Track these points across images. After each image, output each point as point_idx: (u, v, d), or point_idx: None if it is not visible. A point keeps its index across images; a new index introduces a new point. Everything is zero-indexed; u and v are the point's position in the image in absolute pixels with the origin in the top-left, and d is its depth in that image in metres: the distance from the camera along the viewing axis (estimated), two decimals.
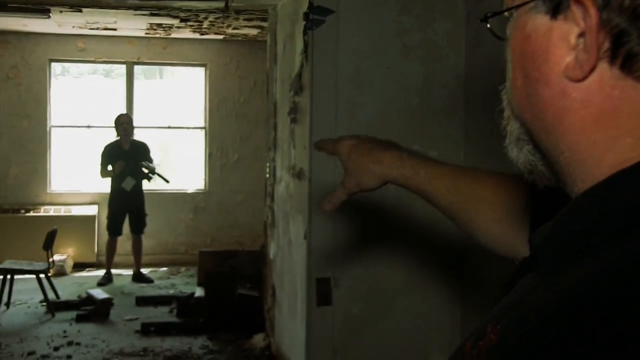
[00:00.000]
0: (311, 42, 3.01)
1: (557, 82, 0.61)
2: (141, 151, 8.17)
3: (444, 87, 3.09)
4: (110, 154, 8.02)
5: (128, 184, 8.03)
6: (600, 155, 0.60)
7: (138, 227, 8.28)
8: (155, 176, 8.17)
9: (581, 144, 0.61)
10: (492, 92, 2.71)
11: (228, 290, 6.39)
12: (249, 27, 8.12)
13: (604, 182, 0.59)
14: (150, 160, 8.22)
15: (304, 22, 3.04)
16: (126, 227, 8.30)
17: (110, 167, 8.05)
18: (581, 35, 0.58)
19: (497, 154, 3.07)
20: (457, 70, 3.08)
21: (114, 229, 8.21)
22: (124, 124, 8.10)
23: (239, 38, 9.08)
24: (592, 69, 0.58)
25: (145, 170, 8.07)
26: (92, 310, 6.70)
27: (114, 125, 8.18)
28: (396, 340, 3.03)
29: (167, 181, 8.28)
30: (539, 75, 0.62)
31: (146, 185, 8.33)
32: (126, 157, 7.99)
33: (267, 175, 5.83)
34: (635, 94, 0.57)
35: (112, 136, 8.28)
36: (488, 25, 0.71)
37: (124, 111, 8.96)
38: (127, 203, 8.12)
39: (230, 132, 9.52)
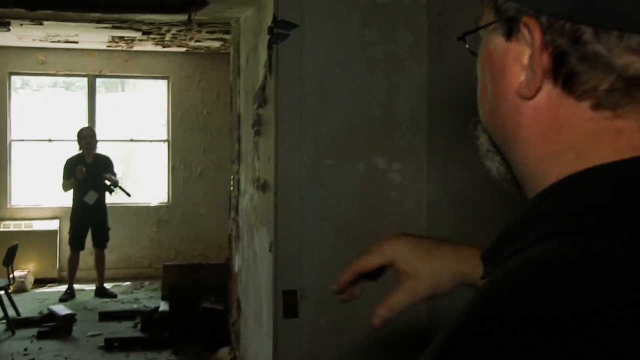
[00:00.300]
0: (276, 56, 3.03)
1: (513, 99, 0.64)
2: (104, 164, 8.11)
3: (406, 98, 3.13)
4: (73, 168, 7.94)
5: (90, 197, 7.95)
6: (546, 169, 0.63)
7: (101, 241, 8.19)
8: (117, 189, 8.11)
9: (531, 158, 0.65)
10: (454, 103, 2.77)
11: (193, 303, 6.36)
12: (212, 39, 8.12)
13: (538, 195, 0.63)
14: (114, 174, 8.15)
15: (269, 36, 3.05)
16: (88, 242, 8.20)
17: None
18: (532, 56, 0.62)
19: (460, 163, 3.12)
20: (420, 82, 3.13)
21: (76, 244, 8.11)
22: (86, 137, 8.03)
23: (202, 50, 9.08)
24: (539, 88, 0.62)
25: (108, 183, 8.01)
26: (54, 327, 6.61)
27: (76, 138, 8.10)
28: (363, 351, 3.05)
29: (128, 195, 8.23)
30: (498, 92, 0.66)
31: (109, 198, 8.26)
32: (89, 171, 7.92)
33: (232, 188, 5.82)
34: (575, 112, 0.61)
35: (73, 150, 8.21)
36: (467, 46, 0.75)
37: (86, 124, 8.88)
38: (90, 217, 8.04)
39: (194, 144, 9.49)
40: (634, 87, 0.58)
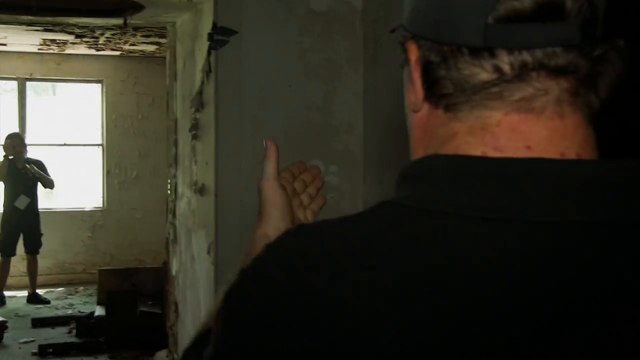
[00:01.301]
0: (215, 61, 3.09)
1: (409, 114, 0.77)
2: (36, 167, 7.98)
3: (343, 104, 3.24)
4: (2, 171, 7.80)
5: (22, 202, 7.82)
6: None
7: (33, 247, 8.05)
8: (40, 180, 7.95)
9: (415, 154, 0.77)
10: (389, 108, 2.89)
11: (129, 308, 6.34)
12: (147, 43, 8.09)
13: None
14: (47, 175, 8.03)
15: (208, 42, 3.12)
16: (20, 248, 8.06)
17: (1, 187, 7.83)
18: (413, 72, 0.74)
19: (396, 165, 3.25)
20: (356, 87, 3.24)
21: (7, 250, 7.95)
22: (16, 146, 7.86)
23: (137, 54, 9.03)
24: (422, 101, 0.74)
25: (32, 171, 7.83)
26: None
27: (3, 145, 7.94)
28: None
29: (50, 184, 8.03)
30: (406, 108, 0.78)
31: (42, 203, 8.14)
32: (20, 176, 7.79)
33: (169, 192, 5.83)
34: (436, 119, 0.73)
35: (2, 154, 8.04)
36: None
37: (16, 129, 8.73)
38: (21, 222, 7.89)
39: (129, 149, 9.42)
40: (475, 93, 0.68)
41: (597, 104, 0.70)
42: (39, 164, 8.06)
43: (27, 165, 7.83)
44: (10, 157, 7.84)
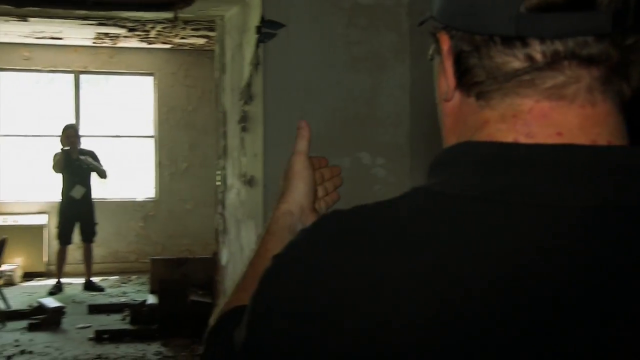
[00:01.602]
0: (263, 54, 3.14)
1: (441, 102, 0.79)
2: (91, 158, 8.17)
3: (389, 96, 3.25)
4: (60, 158, 8.03)
5: (77, 192, 8.03)
6: None
7: (88, 236, 8.27)
8: (94, 170, 8.15)
9: (447, 142, 0.79)
10: (435, 101, 2.90)
11: (180, 297, 6.46)
12: (196, 36, 8.20)
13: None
14: (100, 165, 8.23)
15: (256, 35, 3.17)
16: (76, 236, 8.28)
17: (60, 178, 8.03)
18: (445, 62, 0.76)
19: None
20: (402, 80, 3.26)
21: (64, 238, 8.19)
22: (70, 137, 8.08)
23: (187, 47, 9.15)
24: (454, 91, 0.75)
25: (86, 162, 8.03)
26: (44, 319, 6.68)
27: (60, 136, 8.16)
28: None
29: (103, 173, 8.22)
30: (437, 98, 0.81)
31: (96, 193, 8.34)
32: (75, 166, 7.99)
33: (218, 183, 5.91)
34: (468, 108, 0.74)
35: (59, 145, 8.26)
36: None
37: (72, 120, 8.95)
38: (77, 212, 8.12)
39: (179, 140, 9.57)
40: (507, 81, 0.70)
41: (629, 93, 0.71)
42: (92, 155, 8.26)
43: (82, 157, 8.02)
44: (66, 148, 8.05)
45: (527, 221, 0.65)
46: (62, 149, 8.06)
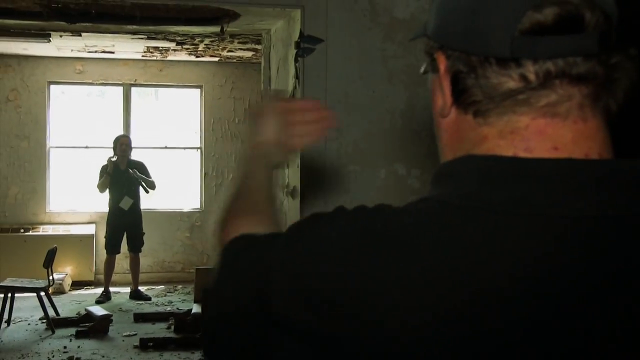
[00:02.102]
0: (302, 68, 3.21)
1: (437, 118, 0.85)
2: (138, 169, 8.33)
3: (425, 109, 3.29)
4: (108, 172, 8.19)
5: (126, 203, 8.19)
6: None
7: (136, 246, 8.43)
8: (144, 183, 8.28)
9: (445, 156, 0.84)
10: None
11: None
12: (243, 49, 8.32)
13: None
14: (149, 177, 8.38)
15: (295, 50, 3.24)
16: (124, 246, 8.44)
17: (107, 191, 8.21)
18: (441, 81, 0.81)
19: None
20: None
21: (112, 248, 8.36)
22: (123, 144, 8.27)
23: (234, 60, 9.29)
24: (450, 107, 0.80)
25: (135, 175, 8.17)
26: (91, 327, 6.83)
27: (112, 145, 8.35)
28: None
29: (150, 187, 8.36)
30: (433, 113, 0.86)
31: (144, 204, 8.49)
32: (123, 177, 8.17)
33: None
34: (466, 124, 0.79)
35: (109, 156, 8.44)
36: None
37: (122, 132, 9.14)
38: (125, 222, 8.27)
39: (225, 152, 9.70)
40: (503, 100, 0.75)
41: (615, 108, 0.76)
42: (141, 166, 8.42)
43: (130, 170, 8.19)
44: (114, 159, 8.22)
45: (528, 230, 0.69)
46: (110, 160, 8.24)
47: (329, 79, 3.18)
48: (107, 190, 8.23)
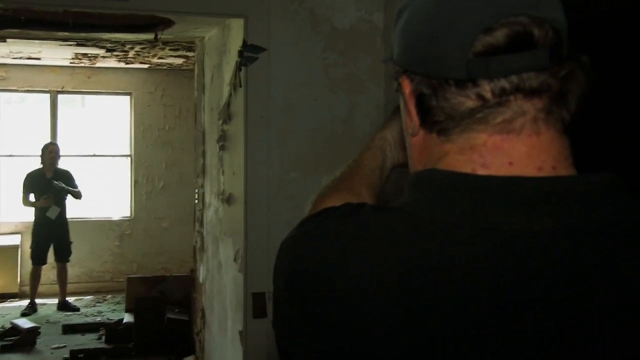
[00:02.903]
0: (245, 77, 3.26)
1: (407, 137, 0.92)
2: (64, 178, 8.16)
3: (366, 116, 3.38)
4: (33, 183, 8.01)
5: (53, 212, 8.02)
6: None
7: (63, 256, 8.26)
8: (69, 193, 8.14)
9: (414, 169, 0.91)
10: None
11: (157, 314, 6.50)
12: (175, 56, 8.29)
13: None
14: (75, 186, 8.22)
15: (238, 59, 3.28)
16: (50, 257, 8.26)
17: (32, 197, 8.02)
18: (407, 103, 0.87)
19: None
20: (378, 101, 3.39)
21: (38, 258, 8.16)
22: (51, 152, 8.11)
23: (164, 67, 9.24)
24: (418, 127, 0.87)
25: (59, 186, 8.02)
26: (17, 340, 6.67)
27: (40, 153, 8.16)
28: None
29: (78, 195, 8.23)
30: (405, 132, 0.93)
31: (71, 213, 8.34)
32: (50, 186, 8.00)
33: (196, 201, 5.97)
34: (431, 141, 0.86)
35: (34, 165, 8.26)
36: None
37: (48, 140, 8.96)
38: (52, 231, 8.09)
39: (156, 159, 9.62)
40: (463, 119, 0.81)
41: (569, 118, 0.82)
42: (67, 174, 8.26)
43: (55, 182, 8.01)
44: (39, 168, 8.04)
45: (484, 243, 0.75)
46: (36, 170, 8.07)
47: (271, 87, 3.23)
48: (34, 198, 8.04)
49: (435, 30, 0.81)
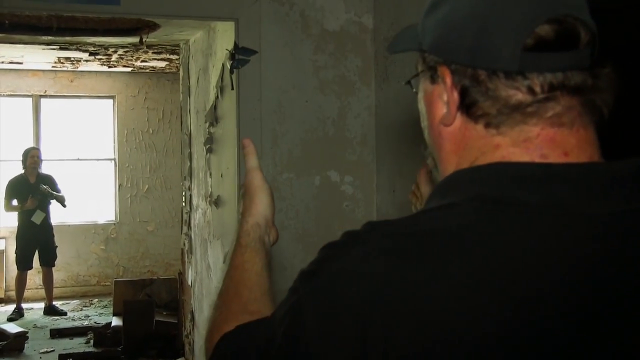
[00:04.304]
0: (237, 79, 3.28)
1: (438, 127, 0.91)
2: (48, 183, 8.10)
3: (356, 117, 3.42)
4: (16, 188, 7.96)
5: (38, 217, 7.97)
6: (451, 169, 0.90)
7: (49, 260, 8.20)
8: (55, 200, 8.09)
9: (447, 163, 0.91)
10: (399, 121, 3.09)
11: (146, 317, 6.49)
12: (158, 59, 8.27)
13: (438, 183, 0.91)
14: (58, 191, 8.18)
15: (230, 62, 3.31)
16: (35, 261, 8.21)
17: (15, 202, 7.98)
18: (446, 94, 0.89)
19: (406, 175, 3.42)
20: (368, 102, 3.43)
21: (24, 263, 8.10)
22: (33, 157, 8.07)
23: (147, 70, 9.21)
24: (455, 118, 0.88)
25: (46, 191, 7.97)
26: (5, 345, 6.63)
27: (22, 158, 8.13)
28: None
29: (63, 204, 8.21)
30: (430, 122, 0.93)
31: (57, 218, 8.30)
32: (33, 191, 7.93)
33: (184, 204, 5.98)
34: (474, 133, 0.87)
35: (16, 169, 8.21)
36: (413, 90, 1.00)
37: (32, 144, 8.91)
38: (37, 236, 8.04)
39: (140, 162, 9.60)
40: (514, 112, 0.83)
41: (605, 115, 0.85)
42: (50, 179, 8.22)
43: (43, 186, 7.97)
44: (20, 174, 8.00)
45: (567, 228, 0.77)
46: (18, 175, 8.03)
47: (263, 89, 3.26)
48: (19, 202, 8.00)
49: (485, 22, 0.83)
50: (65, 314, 8.17)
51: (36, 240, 8.07)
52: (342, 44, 3.39)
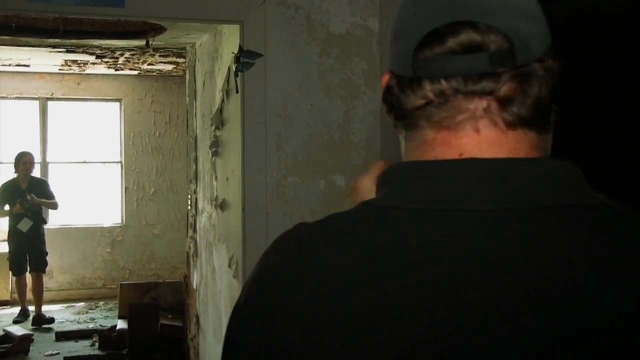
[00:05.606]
0: (241, 83, 3.27)
1: (397, 133, 0.93)
2: (39, 188, 8.03)
3: (362, 121, 3.41)
4: (7, 193, 7.90)
5: (24, 225, 7.86)
6: None
7: (37, 266, 8.04)
8: (39, 206, 7.96)
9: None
10: None
11: (151, 321, 6.49)
12: (164, 62, 8.28)
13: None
14: (50, 196, 8.07)
15: (235, 65, 3.30)
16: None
17: (7, 207, 7.91)
18: None
19: None
20: (374, 106, 3.41)
21: (17, 269, 8.03)
22: (26, 163, 8.01)
23: (154, 73, 9.23)
24: (393, 122, 0.90)
25: (25, 206, 7.82)
26: (10, 348, 6.65)
27: (14, 162, 8.06)
28: None
29: (54, 208, 8.10)
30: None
31: (62, 221, 8.27)
32: (23, 198, 7.84)
33: (189, 207, 5.97)
34: (400, 137, 0.90)
35: (11, 174, 8.15)
36: None
37: (38, 148, 8.91)
38: (25, 243, 7.91)
39: (146, 165, 9.62)
40: (411, 117, 0.85)
41: (522, 116, 0.82)
42: (43, 184, 8.19)
43: (28, 196, 7.82)
44: (12, 179, 7.96)
45: (445, 223, 0.78)
46: (11, 180, 8.00)
47: (268, 93, 3.25)
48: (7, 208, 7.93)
49: (397, 29, 0.86)
50: (53, 321, 7.91)
51: (25, 247, 7.95)
52: (347, 47, 3.38)
